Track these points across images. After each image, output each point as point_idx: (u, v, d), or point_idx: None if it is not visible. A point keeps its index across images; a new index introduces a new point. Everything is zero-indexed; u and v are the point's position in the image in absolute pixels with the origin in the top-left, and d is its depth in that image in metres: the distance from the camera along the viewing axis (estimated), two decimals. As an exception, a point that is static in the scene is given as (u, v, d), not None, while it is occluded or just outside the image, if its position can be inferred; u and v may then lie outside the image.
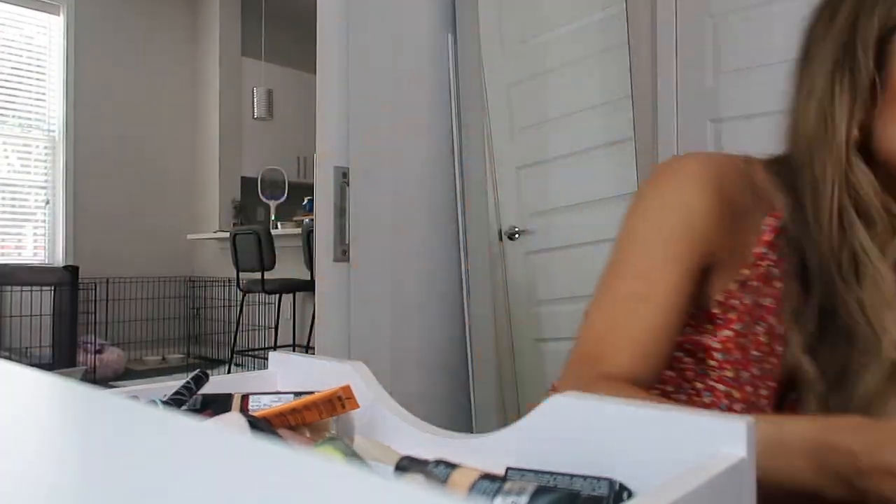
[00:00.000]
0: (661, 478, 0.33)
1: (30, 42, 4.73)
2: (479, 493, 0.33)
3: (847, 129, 0.67)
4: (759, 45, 2.12)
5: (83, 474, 0.19)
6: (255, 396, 0.55)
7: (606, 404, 0.39)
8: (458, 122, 1.59)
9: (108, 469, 0.19)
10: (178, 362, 4.99)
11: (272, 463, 0.20)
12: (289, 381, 0.62)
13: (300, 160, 5.68)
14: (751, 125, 2.12)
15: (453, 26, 1.63)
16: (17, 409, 0.28)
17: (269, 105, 4.91)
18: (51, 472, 0.20)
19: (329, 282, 1.50)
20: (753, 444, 0.35)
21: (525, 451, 0.42)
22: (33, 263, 4.68)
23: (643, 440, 0.37)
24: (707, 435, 0.35)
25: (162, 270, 5.20)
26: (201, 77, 5.45)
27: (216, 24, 5.34)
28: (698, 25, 2.24)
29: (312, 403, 0.49)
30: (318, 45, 1.57)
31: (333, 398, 0.50)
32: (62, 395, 0.29)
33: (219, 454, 0.21)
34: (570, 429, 0.40)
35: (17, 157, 4.70)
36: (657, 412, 0.37)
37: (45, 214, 4.79)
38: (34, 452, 0.22)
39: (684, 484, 0.29)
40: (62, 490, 0.18)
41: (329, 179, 1.54)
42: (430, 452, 0.43)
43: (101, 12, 4.95)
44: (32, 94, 4.74)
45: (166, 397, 0.52)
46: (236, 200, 5.38)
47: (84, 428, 0.25)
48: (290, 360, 0.63)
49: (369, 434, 0.54)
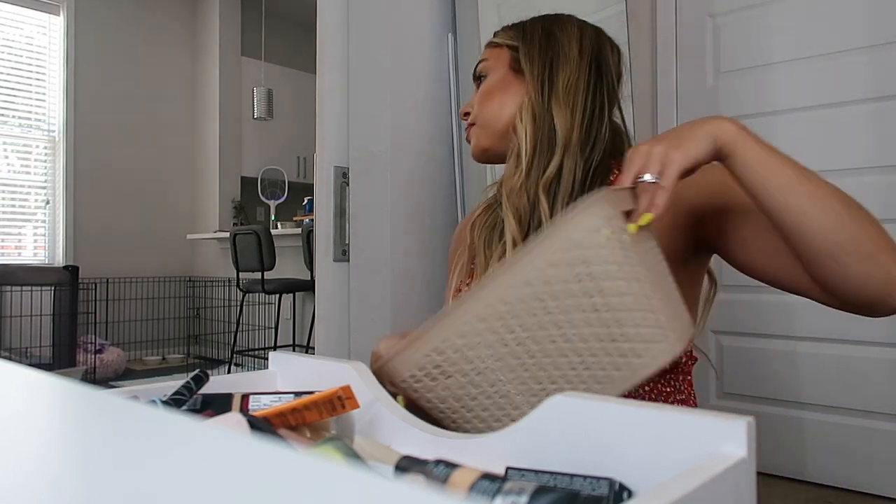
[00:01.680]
0: (661, 478, 0.33)
1: (30, 42, 4.73)
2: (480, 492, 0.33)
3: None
4: (759, 45, 2.12)
5: (83, 474, 0.19)
6: (255, 396, 0.55)
7: (606, 404, 0.39)
8: (458, 122, 1.59)
9: (108, 469, 0.19)
10: (178, 362, 4.98)
11: (272, 463, 0.20)
12: (289, 381, 0.62)
13: (300, 160, 5.68)
14: (751, 125, 2.12)
15: (453, 26, 1.63)
16: (17, 409, 0.28)
17: (269, 105, 4.91)
18: (51, 472, 0.20)
19: (329, 282, 1.49)
20: (753, 443, 0.35)
21: (525, 451, 0.42)
22: (33, 263, 4.68)
23: (643, 440, 0.37)
24: (707, 435, 0.35)
25: (162, 270, 5.20)
26: (201, 77, 5.44)
27: (216, 24, 5.34)
28: (698, 25, 2.24)
29: (312, 403, 0.49)
30: (318, 45, 1.57)
31: (333, 398, 0.50)
32: (62, 395, 0.29)
33: (219, 454, 0.21)
34: (570, 429, 0.40)
35: (17, 157, 4.70)
36: (657, 412, 0.37)
37: (45, 214, 4.79)
38: (34, 452, 0.22)
39: (684, 484, 0.29)
40: (62, 490, 0.18)
41: (329, 179, 1.54)
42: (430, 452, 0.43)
43: (101, 12, 4.95)
44: (32, 94, 4.74)
45: (166, 397, 0.52)
46: (236, 200, 5.38)
47: (84, 428, 0.25)
48: (290, 360, 0.63)
49: (369, 434, 0.54)
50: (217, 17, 5.33)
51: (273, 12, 5.49)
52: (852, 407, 1.92)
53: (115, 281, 4.86)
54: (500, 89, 0.95)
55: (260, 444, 0.21)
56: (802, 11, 2.04)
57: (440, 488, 0.34)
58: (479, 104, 0.97)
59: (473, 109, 0.98)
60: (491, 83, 0.96)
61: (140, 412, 0.26)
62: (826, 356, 1.97)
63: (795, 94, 2.03)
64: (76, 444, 0.23)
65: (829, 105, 1.98)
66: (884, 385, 1.88)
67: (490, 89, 0.96)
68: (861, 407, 1.91)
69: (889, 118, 1.89)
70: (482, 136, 0.96)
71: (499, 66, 0.96)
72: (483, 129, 0.96)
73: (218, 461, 0.20)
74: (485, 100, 0.96)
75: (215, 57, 5.32)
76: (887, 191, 1.89)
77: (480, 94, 0.97)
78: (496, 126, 0.94)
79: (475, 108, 0.97)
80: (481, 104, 0.96)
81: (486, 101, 0.96)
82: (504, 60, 0.96)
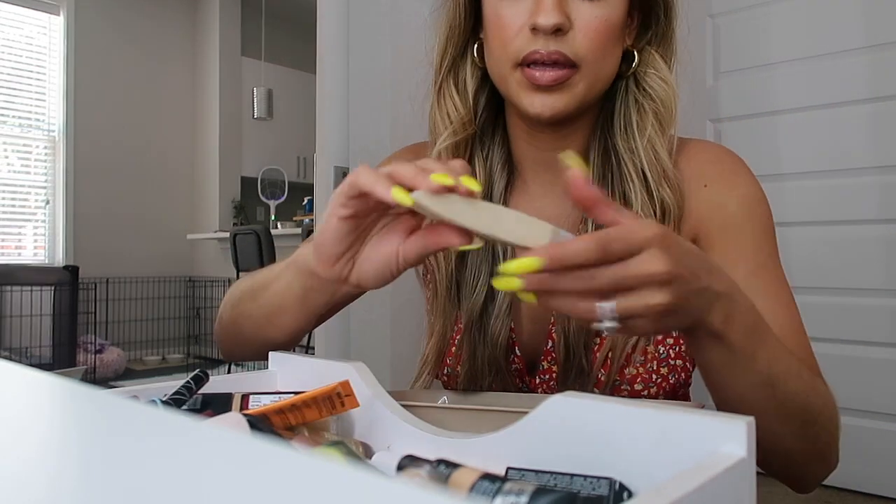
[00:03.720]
0: (661, 478, 0.33)
1: (30, 42, 4.73)
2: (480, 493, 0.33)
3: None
4: (759, 45, 2.12)
5: (83, 474, 0.19)
6: (256, 397, 0.55)
7: (606, 404, 0.39)
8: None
9: (108, 469, 0.19)
10: (178, 362, 4.98)
11: (272, 463, 0.20)
12: (289, 381, 0.62)
13: (300, 160, 5.68)
14: (751, 125, 2.12)
15: (453, 26, 1.63)
16: (17, 409, 0.28)
17: (269, 105, 4.91)
18: (51, 472, 0.20)
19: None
20: (753, 443, 0.35)
21: (525, 451, 0.42)
22: (33, 263, 4.68)
23: (643, 440, 0.37)
24: (707, 435, 0.35)
25: (162, 270, 5.20)
26: (201, 77, 5.44)
27: (216, 24, 5.34)
28: (698, 25, 2.24)
29: (311, 400, 0.49)
30: (318, 45, 1.57)
31: (332, 394, 0.50)
32: (62, 395, 0.29)
33: (219, 454, 0.21)
34: (570, 429, 0.40)
35: (17, 157, 4.70)
36: (657, 412, 0.37)
37: (45, 214, 4.79)
38: (34, 453, 0.22)
39: (684, 484, 0.29)
40: (62, 490, 0.18)
41: (329, 179, 1.54)
42: (430, 452, 0.43)
43: (101, 12, 4.95)
44: (32, 94, 4.74)
45: (166, 397, 0.52)
46: (236, 200, 5.38)
47: (84, 428, 0.25)
48: (290, 360, 0.63)
49: (369, 434, 0.54)
50: (217, 17, 5.33)
51: (273, 12, 5.49)
52: (852, 407, 1.91)
53: (115, 281, 4.86)
54: (622, 24, 0.68)
55: (260, 443, 0.21)
56: (802, 11, 2.04)
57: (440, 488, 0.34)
58: (595, 37, 0.64)
59: (580, 37, 0.64)
60: (617, 7, 0.66)
61: (140, 412, 0.26)
62: (826, 356, 1.97)
63: (795, 95, 2.03)
64: (76, 444, 0.23)
65: (829, 105, 1.98)
66: (884, 385, 1.88)
67: (616, 22, 0.66)
68: (861, 407, 1.91)
69: (888, 118, 1.89)
70: (586, 86, 0.66)
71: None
72: (589, 76, 0.66)
73: (218, 461, 0.20)
74: (606, 35, 0.65)
75: (215, 57, 5.32)
76: (886, 191, 1.89)
77: (602, 21, 0.65)
78: (605, 79, 0.68)
79: (585, 38, 0.64)
80: (600, 37, 0.65)
81: (607, 37, 0.66)
82: None
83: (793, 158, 2.02)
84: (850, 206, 1.93)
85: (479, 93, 0.75)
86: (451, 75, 0.75)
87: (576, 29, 0.64)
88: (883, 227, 1.89)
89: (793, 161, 2.02)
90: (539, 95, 0.65)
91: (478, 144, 0.76)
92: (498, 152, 0.76)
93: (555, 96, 0.65)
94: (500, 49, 0.67)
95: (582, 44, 0.64)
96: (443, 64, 0.75)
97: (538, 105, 0.65)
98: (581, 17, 0.64)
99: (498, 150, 0.76)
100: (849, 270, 1.94)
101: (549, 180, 0.74)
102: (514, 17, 0.65)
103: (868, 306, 1.91)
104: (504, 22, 0.66)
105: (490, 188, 0.75)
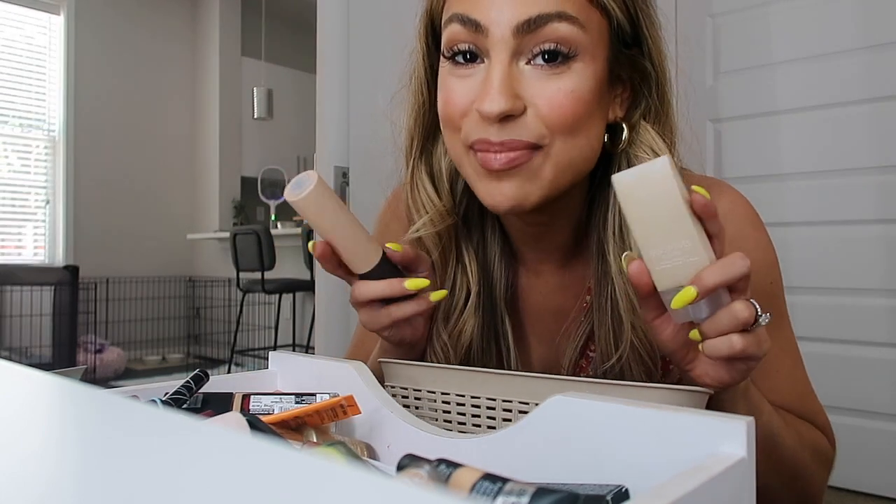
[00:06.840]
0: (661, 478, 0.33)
1: (30, 42, 4.73)
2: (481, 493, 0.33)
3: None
4: (759, 45, 2.12)
5: (83, 474, 0.19)
6: (256, 397, 0.55)
7: (606, 404, 0.39)
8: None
9: (108, 469, 0.19)
10: (178, 362, 4.98)
11: (272, 462, 0.20)
12: (289, 381, 0.62)
13: (300, 160, 5.68)
14: (751, 125, 2.12)
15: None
16: (17, 409, 0.28)
17: (269, 105, 4.91)
18: (50, 472, 0.20)
19: (329, 282, 1.49)
20: (753, 443, 0.35)
21: (525, 450, 0.42)
22: (33, 263, 4.68)
23: (643, 440, 0.37)
24: (707, 435, 0.35)
25: (162, 270, 5.20)
26: (201, 77, 5.44)
27: (216, 24, 5.34)
28: (698, 25, 2.24)
29: (315, 412, 0.49)
30: (318, 45, 1.57)
31: (336, 407, 0.50)
32: (62, 395, 0.29)
33: (219, 454, 0.21)
34: (570, 429, 0.40)
35: (17, 157, 4.70)
36: (657, 412, 0.37)
37: (45, 214, 4.79)
38: (34, 452, 0.22)
39: (684, 484, 0.29)
40: (62, 489, 0.18)
41: (329, 179, 1.54)
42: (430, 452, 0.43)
43: (101, 12, 4.95)
44: (32, 94, 4.74)
45: (166, 397, 0.52)
46: (236, 200, 5.38)
47: (84, 428, 0.25)
48: (290, 359, 0.63)
49: (370, 434, 0.54)
50: (217, 17, 5.33)
51: (273, 12, 5.49)
52: (852, 407, 1.91)
53: (115, 281, 4.86)
54: (598, 96, 0.57)
55: (260, 443, 0.21)
56: (802, 11, 2.04)
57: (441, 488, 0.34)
58: (560, 113, 0.55)
59: (543, 115, 0.55)
60: (589, 78, 0.56)
61: (140, 412, 0.26)
62: (826, 356, 1.97)
63: (795, 94, 2.03)
64: (76, 444, 0.23)
65: (829, 105, 1.98)
66: (884, 385, 1.88)
67: (587, 94, 0.56)
68: (861, 407, 1.91)
69: (888, 119, 1.89)
70: (555, 169, 0.56)
71: (595, 43, 0.56)
72: (557, 158, 0.56)
73: (218, 460, 0.20)
74: (573, 109, 0.55)
75: (215, 57, 5.32)
76: (885, 191, 1.89)
77: (566, 94, 0.55)
78: (581, 160, 0.58)
79: (549, 116, 0.55)
80: (565, 113, 0.55)
81: (575, 112, 0.55)
82: (602, 36, 0.57)
83: (793, 158, 2.02)
84: (850, 206, 1.93)
85: (456, 176, 0.66)
86: (422, 162, 0.67)
87: (536, 107, 0.55)
88: (882, 228, 1.89)
89: (793, 161, 2.02)
90: (494, 183, 0.56)
91: (463, 233, 0.67)
92: (494, 243, 0.68)
93: (514, 182, 0.56)
94: (450, 132, 0.60)
95: (544, 123, 0.55)
96: (412, 149, 0.68)
97: (495, 194, 0.56)
98: (541, 93, 0.55)
99: (493, 241, 0.68)
100: (848, 270, 1.93)
101: (545, 255, 0.68)
102: (462, 96, 0.57)
103: (867, 306, 1.91)
104: (453, 100, 0.58)
105: (490, 283, 0.67)
